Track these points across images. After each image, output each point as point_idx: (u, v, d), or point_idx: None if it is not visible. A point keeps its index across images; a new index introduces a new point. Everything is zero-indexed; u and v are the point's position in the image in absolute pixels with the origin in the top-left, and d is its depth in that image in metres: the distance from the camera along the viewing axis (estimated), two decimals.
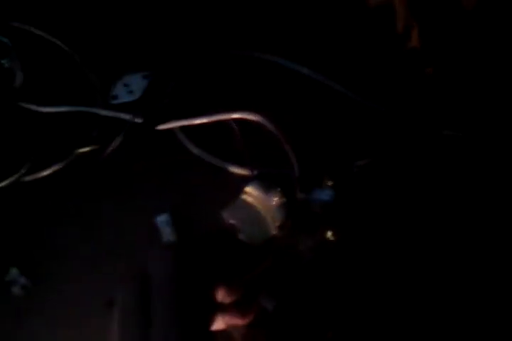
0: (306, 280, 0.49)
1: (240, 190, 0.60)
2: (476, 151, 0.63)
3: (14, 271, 0.59)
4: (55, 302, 0.58)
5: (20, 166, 0.66)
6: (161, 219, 0.61)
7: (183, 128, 0.67)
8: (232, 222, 0.58)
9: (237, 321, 0.40)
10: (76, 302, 0.58)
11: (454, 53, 0.68)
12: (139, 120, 0.68)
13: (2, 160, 0.66)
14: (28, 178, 0.66)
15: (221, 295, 0.39)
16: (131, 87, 0.71)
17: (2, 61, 0.73)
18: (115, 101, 0.71)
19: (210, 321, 0.38)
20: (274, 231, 0.58)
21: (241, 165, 0.64)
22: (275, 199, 0.59)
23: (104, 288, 0.58)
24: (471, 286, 0.54)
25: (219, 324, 0.39)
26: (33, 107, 0.70)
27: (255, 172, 0.63)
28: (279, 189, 0.60)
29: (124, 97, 0.71)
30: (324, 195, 0.57)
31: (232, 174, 0.64)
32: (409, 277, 0.55)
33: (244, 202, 0.60)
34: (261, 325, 0.42)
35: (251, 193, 0.60)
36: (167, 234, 0.61)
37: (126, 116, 0.68)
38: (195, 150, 0.66)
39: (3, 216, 0.63)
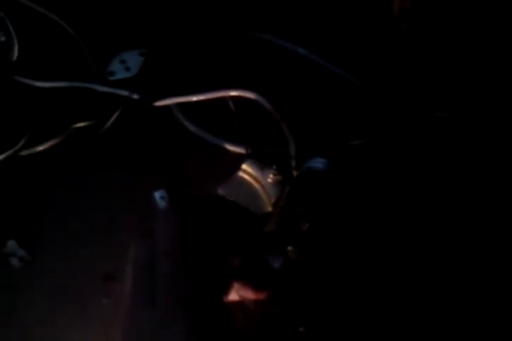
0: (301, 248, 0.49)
1: (236, 168, 0.61)
2: (468, 133, 0.64)
3: (12, 243, 0.60)
4: (53, 275, 0.59)
5: (17, 140, 0.66)
6: (158, 194, 0.62)
7: (180, 105, 0.68)
8: (228, 198, 0.59)
9: (250, 293, 0.40)
10: (74, 274, 0.59)
11: (447, 36, 0.69)
12: (136, 96, 0.68)
13: None
14: (24, 152, 0.66)
15: (234, 262, 0.40)
16: (127, 64, 0.71)
17: None
18: (112, 78, 0.71)
19: (225, 291, 0.38)
20: (269, 208, 0.59)
21: (237, 142, 0.65)
22: (271, 177, 0.60)
23: (102, 261, 0.59)
24: (453, 266, 0.56)
25: (233, 295, 0.40)
26: (30, 82, 0.70)
27: (250, 150, 0.64)
28: (274, 166, 0.61)
29: (121, 74, 0.71)
30: (318, 163, 0.57)
31: (229, 151, 0.65)
32: (399, 260, 0.57)
33: (241, 178, 0.61)
34: (279, 302, 0.42)
35: (247, 170, 0.61)
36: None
37: (124, 93, 0.68)
38: (192, 128, 0.67)
39: (0, 190, 0.64)
